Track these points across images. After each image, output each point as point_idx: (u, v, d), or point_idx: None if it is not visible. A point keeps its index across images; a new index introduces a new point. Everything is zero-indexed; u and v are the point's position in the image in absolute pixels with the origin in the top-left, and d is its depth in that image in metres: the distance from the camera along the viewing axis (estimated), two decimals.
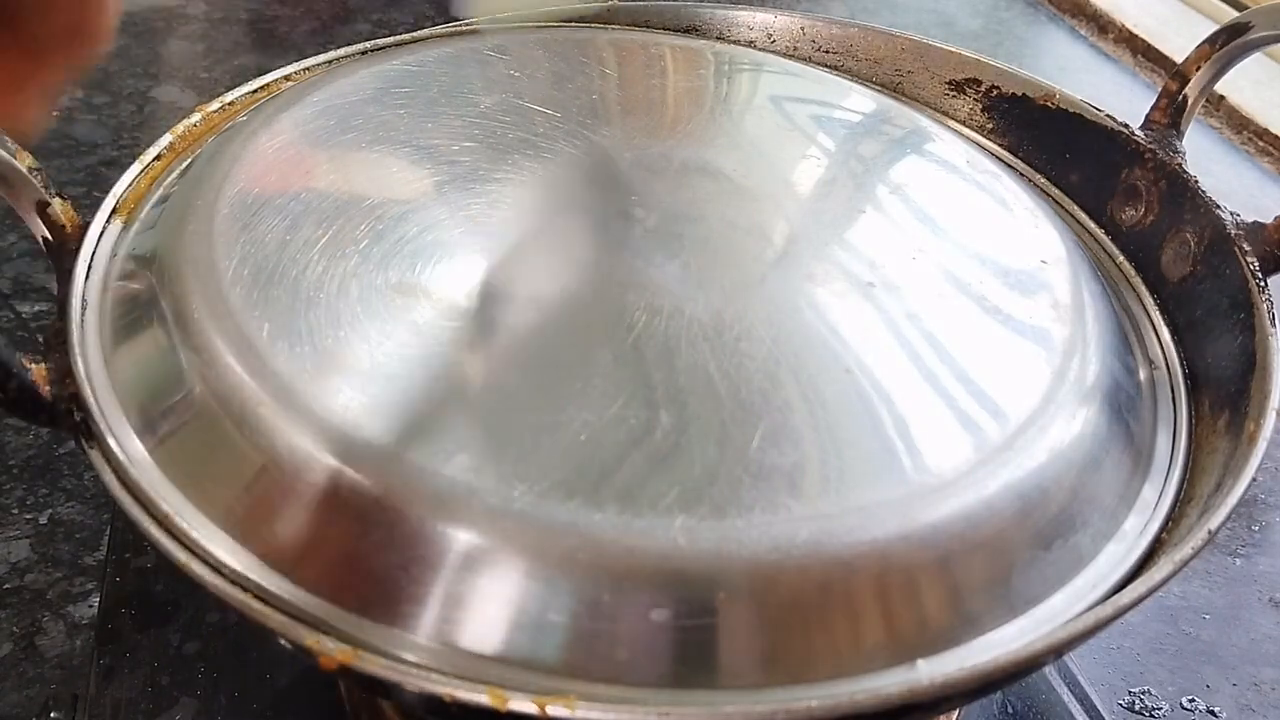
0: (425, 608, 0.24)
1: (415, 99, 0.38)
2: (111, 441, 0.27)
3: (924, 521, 0.26)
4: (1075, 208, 0.42)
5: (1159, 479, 0.31)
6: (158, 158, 0.36)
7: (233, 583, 0.25)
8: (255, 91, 0.39)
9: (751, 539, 0.24)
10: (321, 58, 0.41)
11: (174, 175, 0.36)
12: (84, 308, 0.30)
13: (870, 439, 0.27)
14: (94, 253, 0.32)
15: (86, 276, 0.31)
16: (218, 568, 0.25)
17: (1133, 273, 0.39)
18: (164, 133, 0.37)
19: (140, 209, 0.34)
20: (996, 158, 0.42)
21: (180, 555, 0.25)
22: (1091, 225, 0.41)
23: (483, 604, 0.24)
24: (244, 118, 0.37)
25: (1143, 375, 0.34)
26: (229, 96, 0.39)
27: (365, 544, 0.25)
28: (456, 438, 0.26)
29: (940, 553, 0.26)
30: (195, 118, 0.38)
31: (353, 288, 0.30)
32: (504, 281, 0.31)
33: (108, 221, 0.33)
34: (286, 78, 0.40)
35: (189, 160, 0.36)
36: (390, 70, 0.39)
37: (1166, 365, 0.35)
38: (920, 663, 0.25)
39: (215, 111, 0.38)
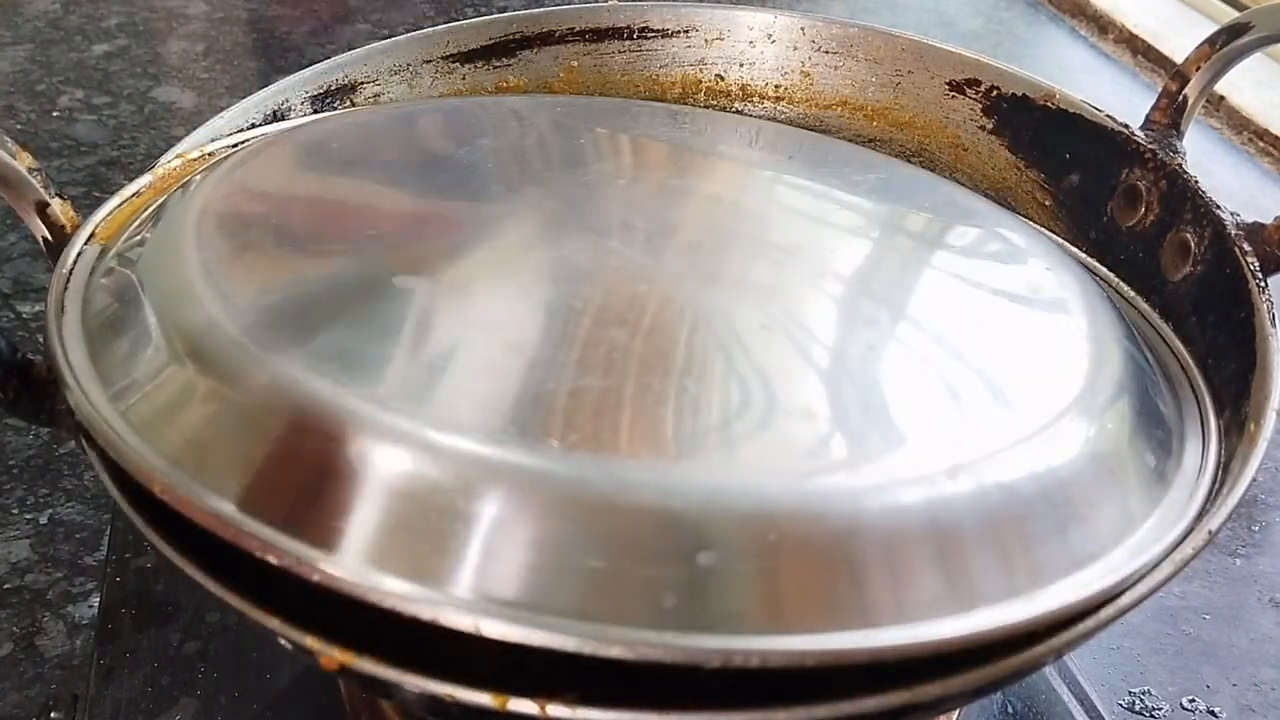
0: (463, 563, 0.23)
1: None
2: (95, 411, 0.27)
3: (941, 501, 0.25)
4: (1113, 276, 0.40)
5: (1186, 486, 0.30)
6: (136, 194, 0.35)
7: (231, 582, 0.25)
8: (234, 147, 0.39)
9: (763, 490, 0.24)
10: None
11: (153, 208, 0.36)
12: (62, 311, 0.30)
13: (893, 418, 0.27)
14: (75, 262, 0.32)
15: (66, 285, 0.31)
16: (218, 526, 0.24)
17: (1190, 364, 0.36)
18: (162, 135, 0.37)
19: (119, 235, 0.34)
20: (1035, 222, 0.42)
21: (178, 556, 0.25)
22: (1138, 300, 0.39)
23: (502, 552, 0.23)
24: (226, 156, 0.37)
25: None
26: (210, 147, 0.38)
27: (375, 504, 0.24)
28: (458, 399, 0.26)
29: (955, 532, 0.25)
30: (175, 163, 0.37)
31: (349, 276, 0.30)
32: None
33: (86, 243, 0.33)
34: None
35: (167, 195, 0.36)
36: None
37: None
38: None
39: (194, 160, 0.38)
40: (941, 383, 0.29)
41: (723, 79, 0.49)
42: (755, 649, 0.22)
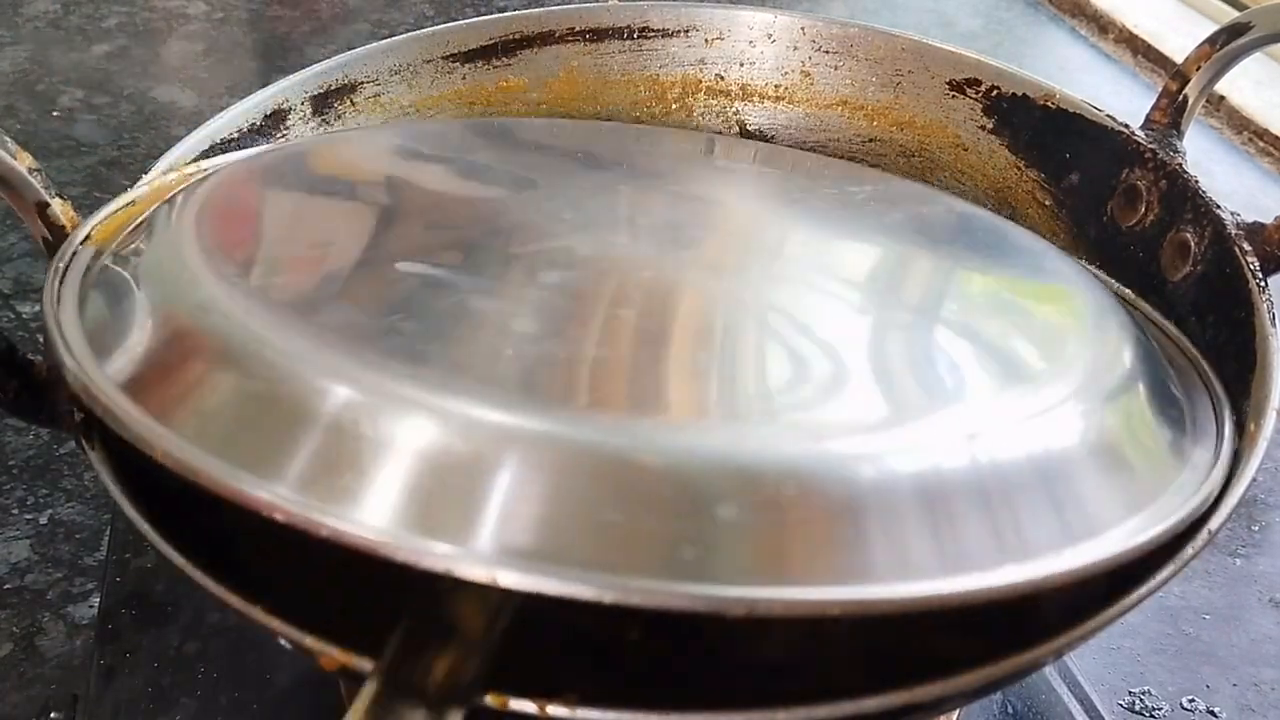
0: (478, 526, 0.23)
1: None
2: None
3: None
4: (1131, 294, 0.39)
5: (1193, 484, 0.30)
6: (132, 203, 0.35)
7: (231, 582, 0.25)
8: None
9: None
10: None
11: (152, 208, 0.35)
12: (59, 303, 0.30)
13: (909, 391, 0.28)
14: (70, 260, 0.32)
15: (62, 280, 0.31)
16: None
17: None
18: (162, 135, 0.37)
19: (117, 235, 0.34)
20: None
21: (178, 557, 0.25)
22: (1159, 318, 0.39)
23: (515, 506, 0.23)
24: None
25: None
26: (204, 164, 0.38)
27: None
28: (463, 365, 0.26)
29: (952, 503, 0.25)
30: (171, 176, 0.36)
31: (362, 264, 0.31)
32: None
33: (83, 242, 0.33)
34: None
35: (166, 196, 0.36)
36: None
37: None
38: None
39: (191, 162, 0.37)
40: (951, 364, 0.30)
41: (723, 79, 0.49)
42: (780, 598, 0.22)
